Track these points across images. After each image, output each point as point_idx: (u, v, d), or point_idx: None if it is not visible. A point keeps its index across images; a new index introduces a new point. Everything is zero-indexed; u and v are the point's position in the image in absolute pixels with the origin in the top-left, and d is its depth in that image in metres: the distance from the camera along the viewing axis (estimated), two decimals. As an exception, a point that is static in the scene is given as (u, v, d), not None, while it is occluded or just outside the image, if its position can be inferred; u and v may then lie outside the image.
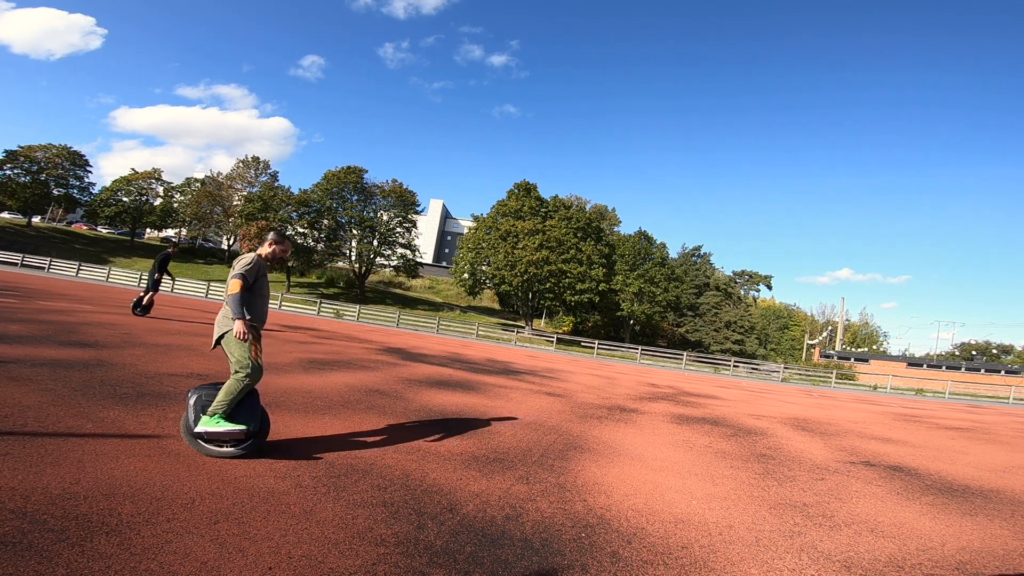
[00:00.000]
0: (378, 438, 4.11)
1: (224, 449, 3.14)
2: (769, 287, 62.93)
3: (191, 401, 3.19)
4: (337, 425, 4.36)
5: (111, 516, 2.17)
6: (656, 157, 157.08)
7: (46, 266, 31.36)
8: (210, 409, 3.12)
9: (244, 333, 3.16)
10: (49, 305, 11.14)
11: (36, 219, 55.08)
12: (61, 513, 2.13)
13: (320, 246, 47.73)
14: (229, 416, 3.14)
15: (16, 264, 32.03)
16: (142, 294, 11.72)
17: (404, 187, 50.26)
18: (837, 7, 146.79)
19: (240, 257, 3.39)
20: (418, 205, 51.42)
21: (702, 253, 62.54)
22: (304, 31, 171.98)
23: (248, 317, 3.24)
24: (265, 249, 3.52)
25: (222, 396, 3.13)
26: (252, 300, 3.31)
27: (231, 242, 56.66)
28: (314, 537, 2.27)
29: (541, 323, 53.57)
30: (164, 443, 3.23)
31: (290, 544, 2.17)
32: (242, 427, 3.12)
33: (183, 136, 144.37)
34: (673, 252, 56.50)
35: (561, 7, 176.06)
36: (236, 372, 3.17)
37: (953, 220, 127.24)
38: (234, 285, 3.19)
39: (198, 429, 3.10)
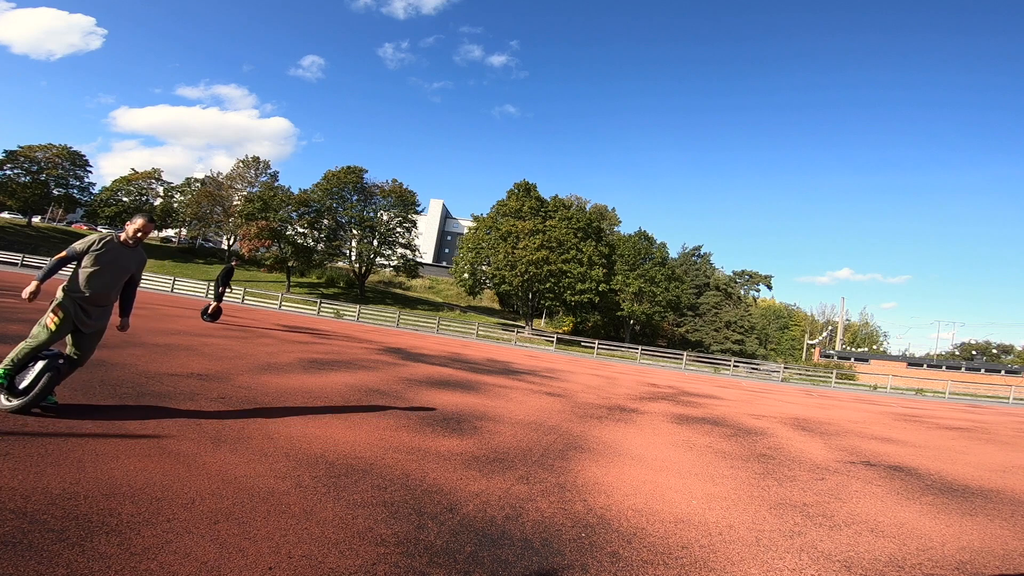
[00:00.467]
0: (378, 438, 4.11)
1: (3, 403, 3.37)
2: (769, 287, 62.98)
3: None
4: (337, 425, 4.36)
5: (111, 516, 2.17)
6: (656, 157, 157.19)
7: (46, 266, 31.33)
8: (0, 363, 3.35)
9: (29, 294, 3.34)
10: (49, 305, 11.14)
11: (36, 219, 55.08)
12: (61, 513, 2.13)
13: (320, 246, 47.74)
14: (10, 372, 3.34)
15: (16, 264, 32.03)
16: (208, 304, 12.82)
17: (404, 187, 50.27)
18: (837, 7, 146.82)
19: None
20: (418, 205, 51.43)
21: (702, 253, 62.56)
22: (304, 31, 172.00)
23: (68, 287, 3.50)
24: (124, 233, 3.70)
25: (11, 353, 3.35)
26: (78, 274, 3.51)
27: (231, 242, 56.68)
28: (314, 537, 2.27)
29: (541, 323, 53.57)
30: (164, 443, 3.23)
31: (290, 544, 2.17)
32: None
33: (183, 136, 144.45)
34: (673, 252, 56.52)
35: (561, 7, 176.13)
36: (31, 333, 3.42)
37: (953, 220, 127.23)
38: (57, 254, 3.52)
39: None
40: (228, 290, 13.45)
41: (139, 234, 3.65)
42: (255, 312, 22.60)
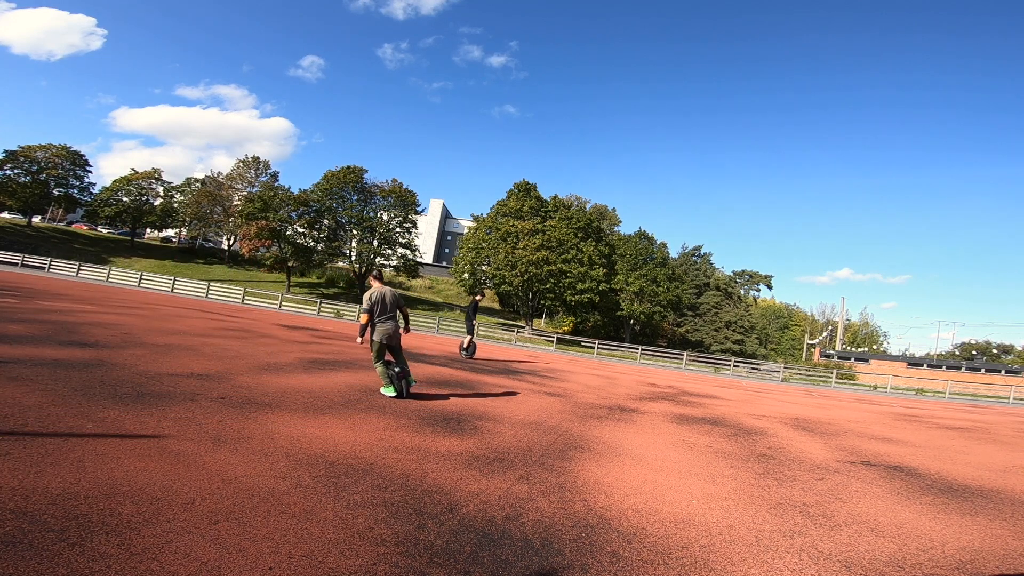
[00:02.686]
0: (378, 438, 4.11)
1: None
2: (769, 287, 63.00)
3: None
4: (337, 425, 4.36)
5: (111, 516, 2.17)
6: (656, 157, 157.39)
7: (46, 266, 31.37)
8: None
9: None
10: (49, 305, 11.14)
11: (36, 219, 55.04)
12: (61, 513, 2.13)
13: (320, 246, 47.71)
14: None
15: (16, 264, 32.03)
16: (464, 340, 13.35)
17: (404, 187, 50.23)
18: (837, 7, 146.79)
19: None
20: (418, 205, 51.38)
21: (702, 253, 62.56)
22: (303, 31, 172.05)
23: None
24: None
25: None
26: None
27: (231, 242, 56.67)
28: (314, 537, 2.27)
29: (541, 323, 53.57)
30: (164, 443, 3.23)
31: (290, 544, 2.17)
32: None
33: (183, 136, 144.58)
34: (673, 252, 56.54)
35: (560, 8, 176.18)
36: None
37: (953, 220, 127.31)
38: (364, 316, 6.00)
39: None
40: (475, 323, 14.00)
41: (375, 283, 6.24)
42: (255, 312, 22.60)
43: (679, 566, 2.49)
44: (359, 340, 5.91)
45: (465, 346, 13.24)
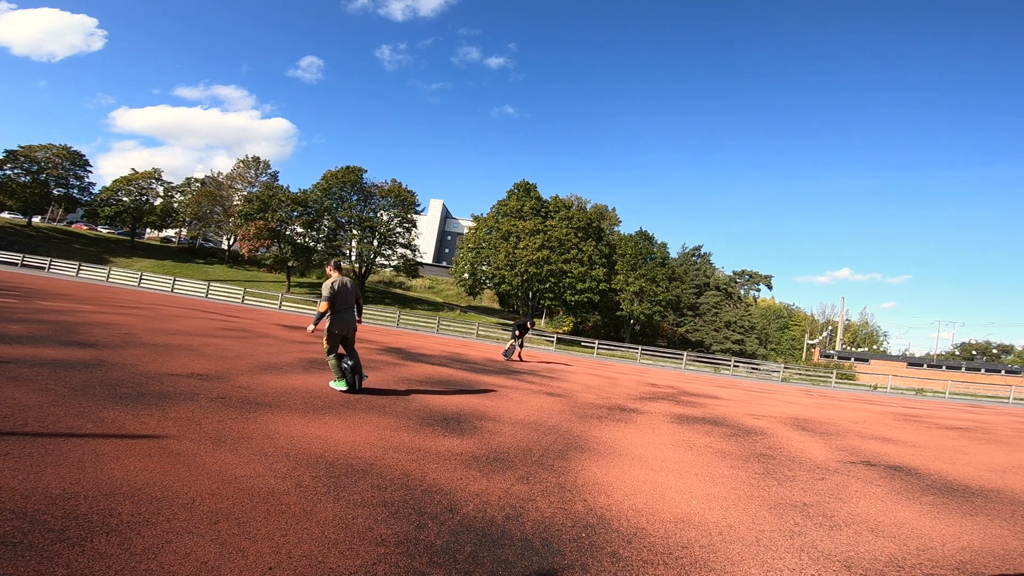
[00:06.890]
0: (378, 438, 4.11)
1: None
2: (769, 287, 63.04)
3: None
4: (337, 425, 4.36)
5: (111, 516, 2.17)
6: (656, 157, 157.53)
7: (46, 266, 31.37)
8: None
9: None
10: (49, 305, 11.14)
11: (36, 219, 55.03)
12: (61, 513, 2.13)
13: (320, 246, 47.70)
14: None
15: (16, 264, 32.03)
16: (508, 348, 15.31)
17: (403, 187, 50.23)
18: (837, 7, 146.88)
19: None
20: (418, 205, 51.39)
21: (702, 253, 62.59)
22: (301, 32, 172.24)
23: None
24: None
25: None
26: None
27: (231, 242, 56.67)
28: (314, 537, 2.27)
29: (541, 323, 53.55)
30: (164, 443, 3.23)
31: (290, 544, 2.17)
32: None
33: (183, 136, 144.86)
34: (673, 252, 56.53)
35: (558, 10, 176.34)
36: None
37: (953, 220, 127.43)
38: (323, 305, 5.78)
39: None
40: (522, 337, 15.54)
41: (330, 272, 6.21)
42: (255, 312, 22.60)
43: (679, 566, 2.49)
44: (310, 329, 5.71)
45: (506, 349, 15.23)
